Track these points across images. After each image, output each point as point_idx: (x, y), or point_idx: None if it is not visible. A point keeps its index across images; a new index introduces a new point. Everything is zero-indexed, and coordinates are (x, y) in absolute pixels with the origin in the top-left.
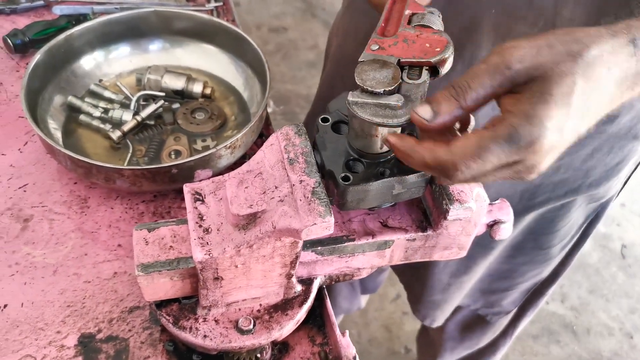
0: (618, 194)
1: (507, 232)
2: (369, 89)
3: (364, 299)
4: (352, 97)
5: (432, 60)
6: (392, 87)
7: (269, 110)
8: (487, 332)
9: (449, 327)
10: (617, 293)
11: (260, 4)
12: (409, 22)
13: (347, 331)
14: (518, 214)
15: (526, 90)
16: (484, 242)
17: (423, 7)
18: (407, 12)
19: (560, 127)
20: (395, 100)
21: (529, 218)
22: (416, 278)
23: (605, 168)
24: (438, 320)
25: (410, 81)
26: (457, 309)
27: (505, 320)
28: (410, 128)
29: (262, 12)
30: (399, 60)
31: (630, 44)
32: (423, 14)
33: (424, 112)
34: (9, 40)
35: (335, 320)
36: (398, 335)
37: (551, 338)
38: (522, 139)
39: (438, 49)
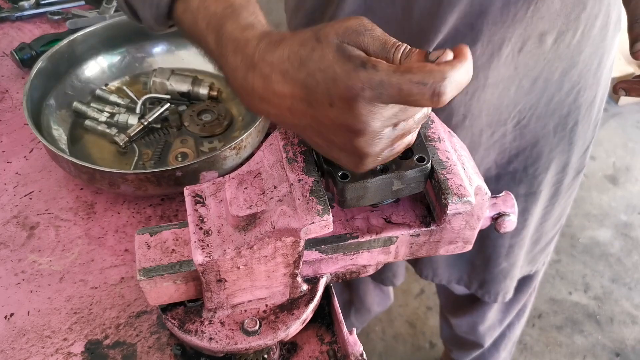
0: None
1: (512, 225)
2: None
3: (392, 294)
4: None
5: None
6: None
7: None
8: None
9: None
10: (639, 281)
11: (279, 3)
12: None
13: (354, 329)
14: None
15: None
16: (532, 190)
17: None
18: None
19: None
20: None
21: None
22: (475, 253)
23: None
24: (510, 292)
25: None
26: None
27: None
28: None
29: (280, 11)
30: None
31: None
32: None
33: None
34: (17, 55)
35: (343, 319)
36: (422, 330)
37: (575, 328)
38: None
39: None
